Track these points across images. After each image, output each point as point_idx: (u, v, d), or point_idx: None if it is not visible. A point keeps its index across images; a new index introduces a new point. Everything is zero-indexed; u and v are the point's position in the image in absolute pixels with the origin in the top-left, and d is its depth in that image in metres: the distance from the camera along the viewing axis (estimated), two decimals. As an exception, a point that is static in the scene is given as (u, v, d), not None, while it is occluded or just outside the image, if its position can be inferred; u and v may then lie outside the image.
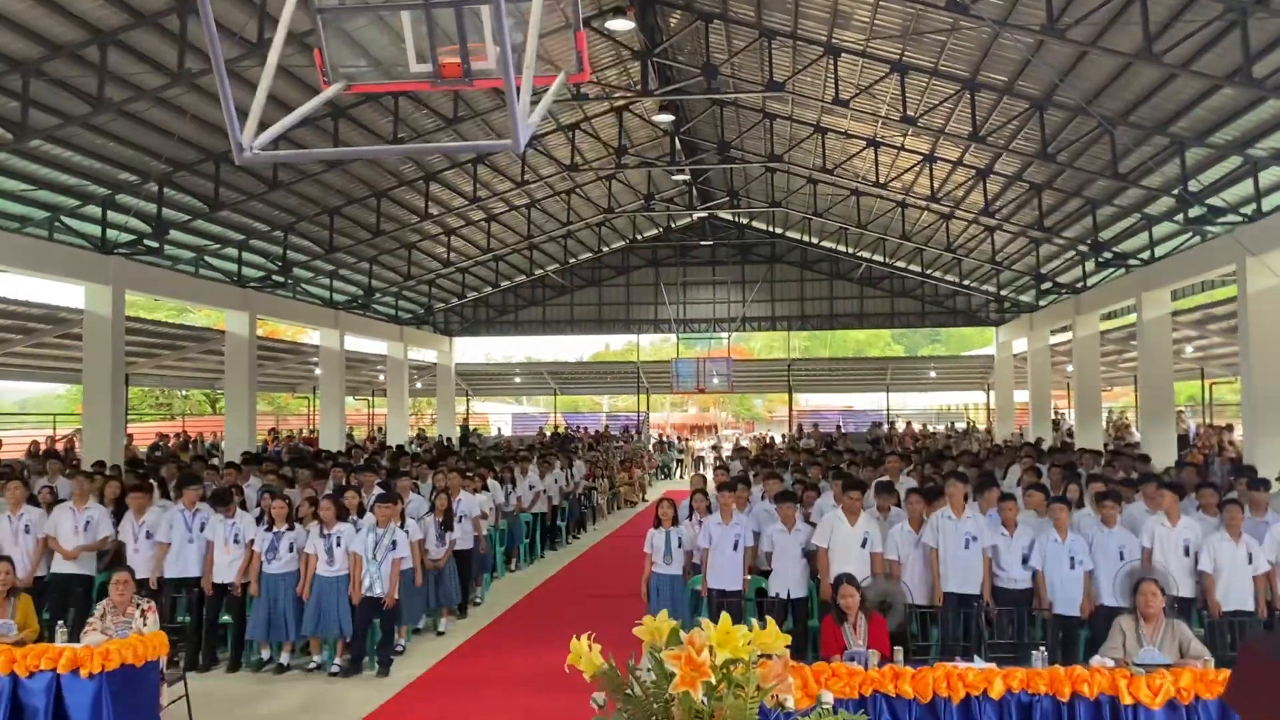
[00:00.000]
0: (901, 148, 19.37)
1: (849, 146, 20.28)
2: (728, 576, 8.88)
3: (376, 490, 10.92)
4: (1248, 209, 14.62)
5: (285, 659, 9.25)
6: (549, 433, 33.44)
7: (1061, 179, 17.97)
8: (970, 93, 15.24)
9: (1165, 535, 8.44)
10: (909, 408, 41.55)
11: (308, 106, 4.40)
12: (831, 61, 15.68)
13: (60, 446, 21.11)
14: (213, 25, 3.17)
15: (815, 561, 8.75)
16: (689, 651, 2.53)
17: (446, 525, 10.89)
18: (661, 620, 2.79)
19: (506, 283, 31.62)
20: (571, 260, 31.14)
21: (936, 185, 20.08)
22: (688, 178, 24.95)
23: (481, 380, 39.77)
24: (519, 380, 41.04)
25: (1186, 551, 8.35)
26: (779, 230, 31.31)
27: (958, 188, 20.33)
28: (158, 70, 12.71)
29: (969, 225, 23.22)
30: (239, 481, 11.85)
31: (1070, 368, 26.68)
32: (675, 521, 9.32)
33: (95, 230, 16.24)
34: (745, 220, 31.48)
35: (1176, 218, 16.25)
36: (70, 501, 9.88)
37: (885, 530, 8.88)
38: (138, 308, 22.74)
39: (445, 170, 20.54)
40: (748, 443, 31.62)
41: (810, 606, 8.91)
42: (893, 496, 9.83)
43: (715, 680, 2.53)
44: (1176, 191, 15.10)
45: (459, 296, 31.38)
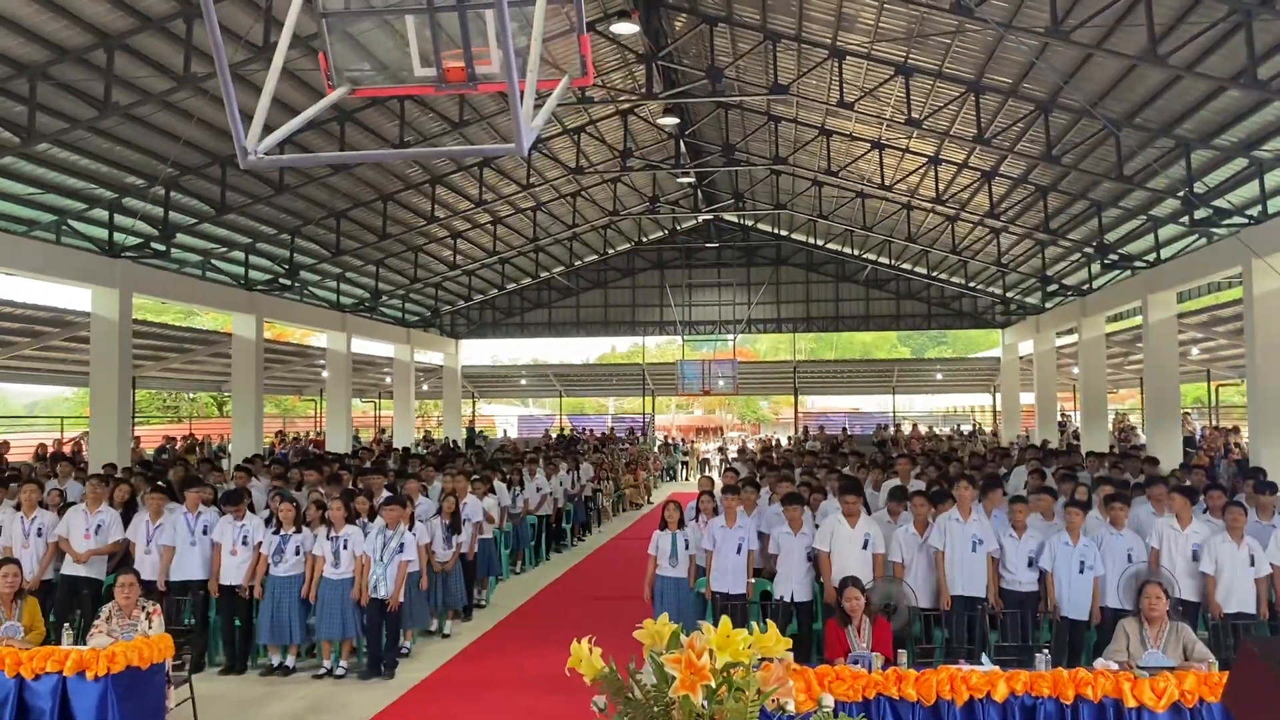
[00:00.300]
0: (906, 150, 19.36)
1: (854, 149, 20.28)
2: (731, 579, 8.89)
3: (384, 493, 10.95)
4: (1253, 211, 14.58)
5: (291, 661, 9.28)
6: (555, 435, 33.43)
7: (1067, 181, 17.95)
8: (975, 95, 15.23)
9: (1174, 538, 8.41)
10: (915, 410, 41.52)
11: (312, 110, 4.42)
12: (836, 64, 15.69)
13: (68, 449, 21.16)
14: (216, 30, 3.19)
15: (819, 565, 8.76)
16: (689, 655, 2.54)
17: (453, 528, 10.92)
18: (662, 624, 2.80)
19: (512, 285, 31.65)
20: (577, 262, 31.14)
21: (942, 187, 20.06)
22: (693, 180, 24.96)
23: (487, 382, 39.81)
24: (525, 382, 41.06)
25: (1195, 556, 8.30)
26: (784, 232, 31.29)
27: (963, 190, 20.31)
28: (164, 74, 12.75)
29: (974, 227, 23.20)
30: (246, 484, 11.90)
31: (1076, 370, 26.62)
32: (681, 524, 9.32)
33: (102, 234, 16.29)
34: (750, 222, 31.46)
35: (1182, 220, 16.21)
36: (83, 504, 9.90)
37: (891, 532, 8.87)
38: (145, 310, 22.76)
39: (451, 173, 20.59)
40: (753, 445, 31.61)
41: (814, 609, 8.92)
42: (904, 501, 9.78)
43: (715, 684, 2.54)
44: (1182, 193, 15.08)
45: (465, 299, 31.42)
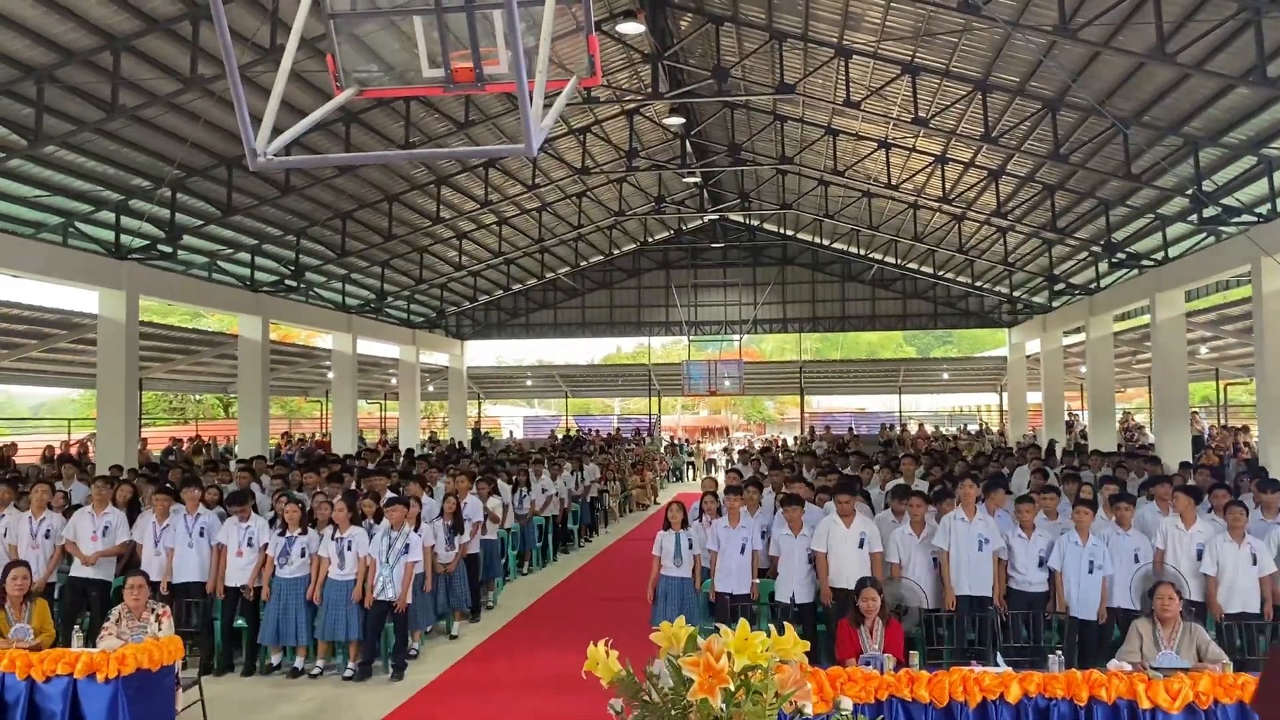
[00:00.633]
0: (913, 149, 19.32)
1: (860, 148, 20.23)
2: (736, 580, 8.87)
3: (388, 494, 10.94)
4: (1262, 209, 14.53)
5: (300, 663, 9.26)
6: (560, 435, 33.41)
7: (1074, 180, 17.90)
8: (982, 94, 15.18)
9: (1179, 538, 8.39)
10: (921, 409, 41.47)
11: (321, 111, 4.40)
12: (843, 63, 15.65)
13: (74, 451, 21.17)
14: (227, 34, 3.17)
15: (817, 566, 8.73)
16: (707, 658, 2.52)
17: (456, 528, 10.91)
18: (679, 626, 2.78)
19: (518, 286, 31.64)
20: (583, 263, 31.14)
21: (948, 186, 20.01)
22: (699, 180, 24.93)
23: (493, 383, 39.82)
24: (530, 383, 41.05)
25: (1200, 555, 8.28)
26: (790, 232, 31.26)
27: (970, 189, 20.26)
28: (170, 76, 12.76)
29: (981, 226, 23.14)
30: (248, 485, 11.88)
31: (1083, 369, 26.56)
32: (685, 524, 9.30)
33: (109, 236, 16.31)
34: (756, 222, 31.43)
35: (1190, 218, 16.16)
36: (89, 507, 9.90)
37: (889, 531, 8.84)
38: (150, 312, 22.79)
39: (457, 174, 20.59)
40: (759, 444, 31.55)
41: (818, 610, 8.87)
42: (907, 501, 9.73)
43: (734, 687, 2.52)
44: (1190, 192, 15.03)
45: (470, 300, 31.42)
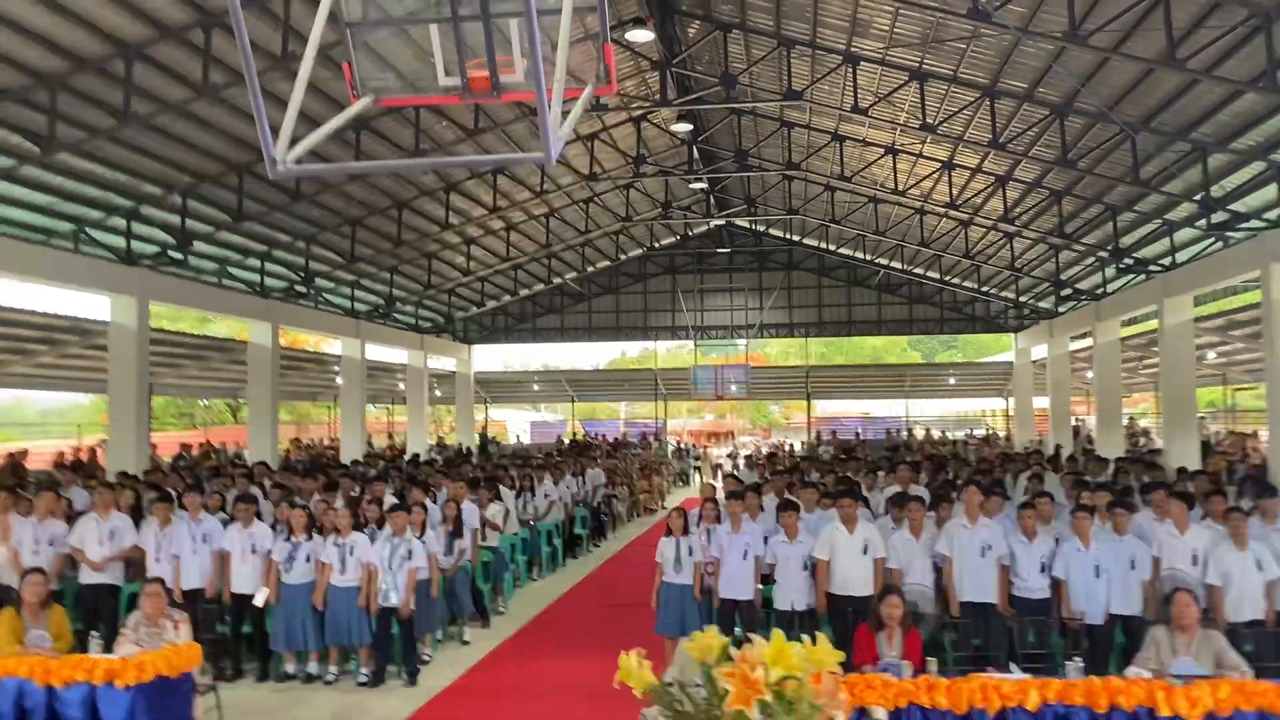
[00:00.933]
0: (920, 155, 19.32)
1: (867, 154, 20.26)
2: (738, 586, 8.86)
3: (390, 499, 10.98)
4: (1272, 214, 14.53)
5: (314, 668, 9.28)
6: (567, 440, 33.42)
7: (1082, 185, 17.90)
8: (990, 100, 15.20)
9: (1174, 545, 8.38)
10: (926, 414, 41.39)
11: (338, 120, 4.43)
12: (850, 70, 15.68)
13: (84, 457, 21.22)
14: (247, 45, 3.21)
15: (816, 573, 8.73)
16: (743, 669, 2.53)
17: (456, 534, 10.93)
18: (711, 636, 2.79)
19: (525, 291, 31.69)
20: (589, 268, 31.16)
21: (955, 192, 20.02)
22: (705, 186, 24.96)
23: (500, 388, 39.85)
24: (537, 388, 41.06)
25: (1194, 560, 8.24)
26: (796, 237, 31.28)
27: (976, 194, 20.27)
28: (182, 83, 12.81)
29: (988, 231, 23.15)
30: (248, 490, 11.88)
31: (1090, 374, 26.53)
32: (686, 531, 9.29)
33: (120, 242, 16.35)
34: (762, 228, 31.46)
35: (1199, 223, 16.16)
36: (94, 512, 9.91)
37: (888, 537, 8.85)
38: (160, 318, 22.86)
39: (466, 180, 20.62)
40: (765, 449, 31.52)
41: (817, 618, 8.84)
42: (905, 508, 9.72)
43: (770, 698, 2.53)
44: (1199, 197, 15.02)
45: (478, 305, 31.47)
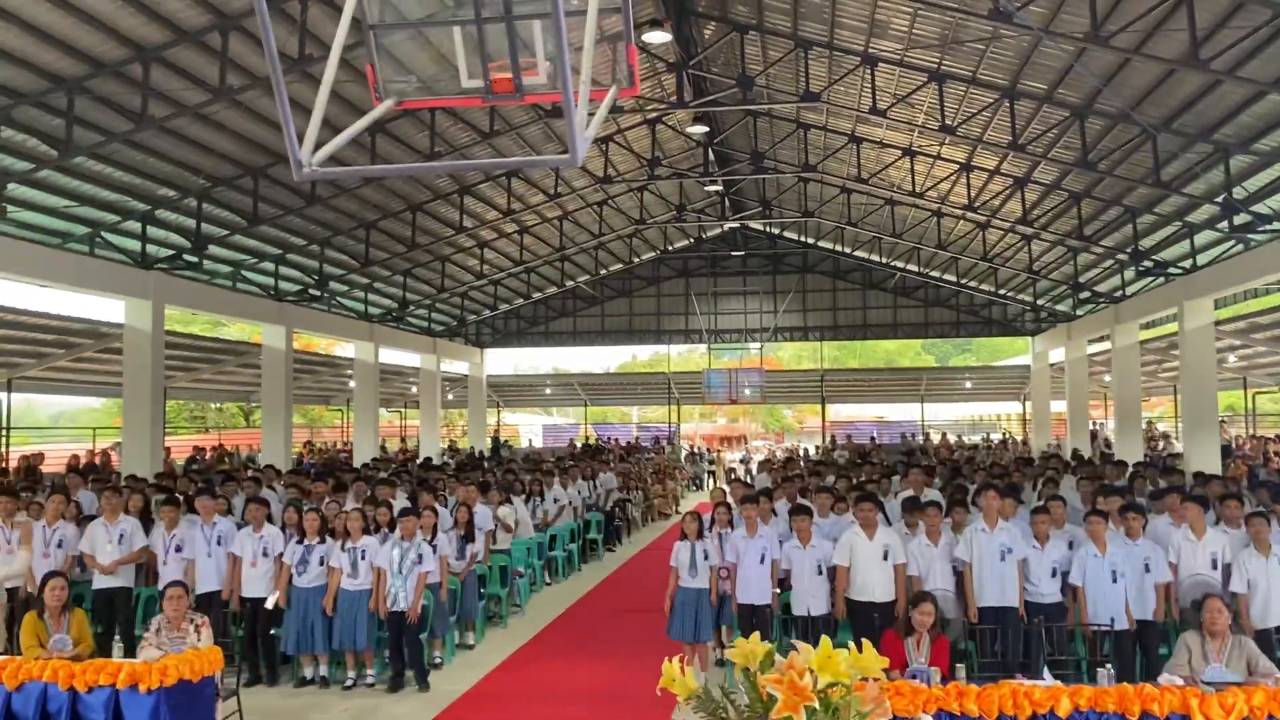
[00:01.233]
0: (938, 156, 19.23)
1: (884, 156, 20.17)
2: (756, 590, 8.80)
3: (402, 501, 10.95)
4: (1294, 216, 14.42)
5: (325, 672, 9.24)
6: (580, 444, 33.35)
7: (1101, 187, 17.77)
8: (1009, 101, 15.11)
9: (1191, 550, 8.31)
10: (941, 418, 41.23)
11: (362, 122, 4.39)
12: (868, 71, 15.60)
13: (97, 460, 21.27)
14: (274, 51, 3.17)
15: (835, 578, 8.66)
16: (791, 675, 2.48)
17: (467, 537, 10.90)
18: (754, 642, 2.74)
19: (538, 294, 31.68)
20: (603, 271, 31.13)
21: (973, 194, 19.91)
22: (720, 188, 24.90)
23: (512, 391, 39.84)
24: (549, 391, 41.05)
25: (1214, 564, 8.17)
26: (811, 240, 31.19)
27: (995, 196, 20.16)
28: (199, 87, 12.82)
29: (1005, 234, 23.03)
30: (258, 494, 11.85)
31: (1107, 377, 26.35)
32: (701, 534, 9.25)
33: (135, 245, 16.40)
34: (777, 230, 31.38)
35: (1220, 225, 16.02)
36: (102, 517, 9.87)
37: (904, 543, 8.77)
38: (173, 321, 22.94)
39: (480, 184, 20.62)
40: (781, 454, 31.42)
41: (835, 623, 8.77)
42: (919, 513, 9.63)
43: (818, 705, 2.48)
44: (1221, 199, 14.90)
45: (491, 308, 31.47)
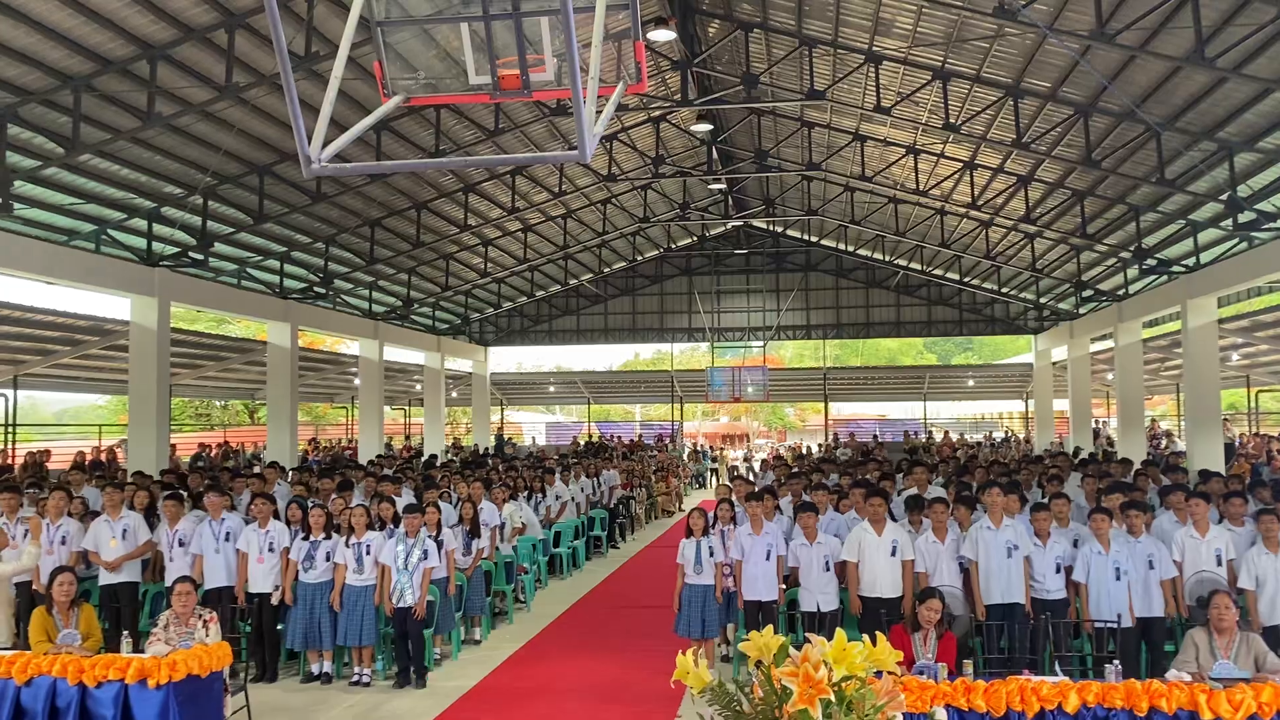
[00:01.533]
0: (941, 155, 19.24)
1: (888, 154, 20.17)
2: (762, 586, 8.83)
3: (407, 497, 10.96)
4: (1300, 214, 14.41)
5: (329, 668, 9.26)
6: (583, 442, 33.36)
7: (1105, 185, 17.77)
8: (1013, 99, 15.11)
9: (1195, 547, 8.31)
10: (943, 416, 41.25)
11: (370, 119, 4.41)
12: (872, 69, 15.61)
13: (104, 457, 21.30)
14: (284, 50, 3.19)
15: (846, 575, 8.67)
16: (806, 668, 2.50)
17: (473, 533, 10.92)
18: (768, 636, 2.75)
19: (541, 292, 31.72)
20: (606, 269, 31.15)
21: (977, 192, 19.91)
22: (723, 187, 24.89)
23: (516, 389, 39.87)
24: (553, 389, 41.08)
25: (1219, 561, 8.18)
26: (814, 238, 31.19)
27: (998, 195, 20.16)
28: (205, 84, 12.84)
29: (1009, 232, 23.02)
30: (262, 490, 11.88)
31: (1110, 376, 26.34)
32: (706, 531, 9.28)
33: (141, 243, 16.42)
34: (780, 229, 31.39)
35: (1224, 223, 16.02)
36: (105, 514, 9.89)
37: (912, 542, 8.78)
38: (177, 319, 22.89)
39: (484, 182, 20.64)
40: (784, 452, 31.43)
41: (841, 619, 8.79)
42: (922, 510, 9.61)
43: (833, 698, 2.50)
44: (1225, 197, 14.90)
45: (494, 306, 31.50)
